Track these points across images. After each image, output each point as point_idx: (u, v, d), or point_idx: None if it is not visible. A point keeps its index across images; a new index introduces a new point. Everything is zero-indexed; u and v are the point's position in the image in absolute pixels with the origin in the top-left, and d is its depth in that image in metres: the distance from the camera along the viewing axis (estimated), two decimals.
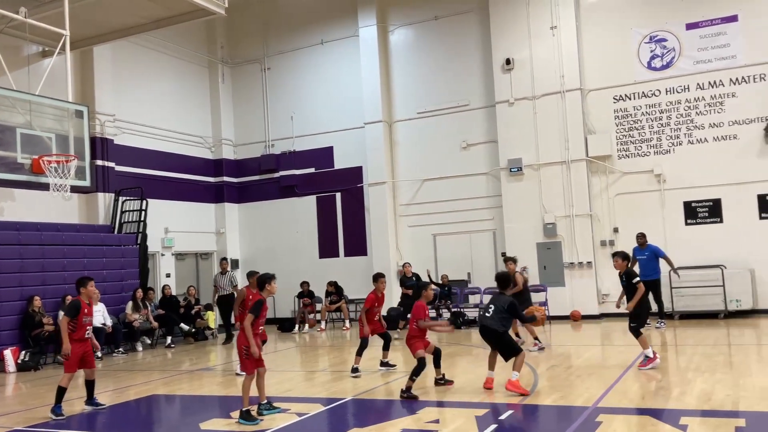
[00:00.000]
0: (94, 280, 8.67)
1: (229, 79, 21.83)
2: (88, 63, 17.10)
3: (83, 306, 8.31)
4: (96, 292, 8.65)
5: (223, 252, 21.01)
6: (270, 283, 7.88)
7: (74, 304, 8.35)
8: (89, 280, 8.57)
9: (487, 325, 8.31)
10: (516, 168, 17.55)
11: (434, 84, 19.12)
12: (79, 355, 8.26)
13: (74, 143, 12.53)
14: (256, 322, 7.59)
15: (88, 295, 8.48)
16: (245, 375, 7.52)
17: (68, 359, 8.22)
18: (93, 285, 8.60)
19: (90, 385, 8.60)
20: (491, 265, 18.26)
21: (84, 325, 8.32)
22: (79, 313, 8.23)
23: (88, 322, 8.41)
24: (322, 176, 20.57)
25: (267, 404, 7.63)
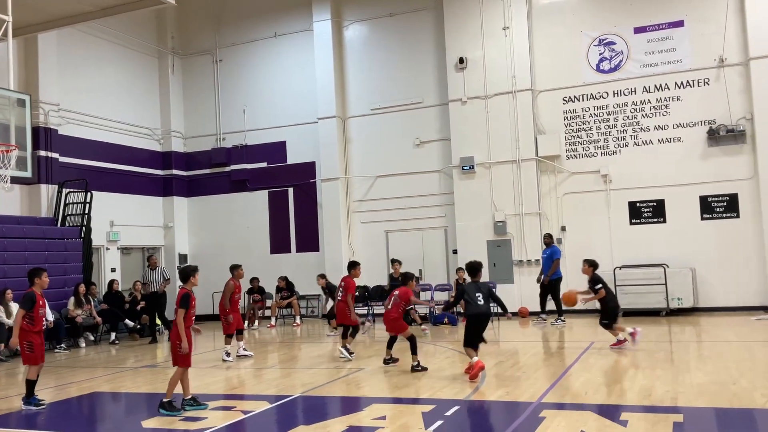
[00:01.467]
0: (47, 271, 8.69)
1: (180, 70, 21.42)
2: (32, 50, 16.56)
3: (38, 298, 8.31)
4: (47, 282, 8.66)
5: (171, 247, 20.64)
6: (193, 276, 7.91)
7: (29, 296, 8.29)
8: (42, 271, 8.58)
9: (484, 312, 8.90)
10: (468, 166, 17.70)
11: (388, 81, 19.13)
12: (42, 345, 8.38)
13: (15, 133, 12.08)
14: (189, 315, 7.63)
15: (42, 286, 8.46)
16: (177, 368, 7.62)
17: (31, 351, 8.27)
18: (46, 276, 8.61)
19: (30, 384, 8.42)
20: (442, 261, 18.40)
21: (41, 317, 8.37)
22: (35, 305, 8.24)
23: (43, 314, 8.49)
24: (274, 171, 20.37)
25: (191, 400, 7.69)
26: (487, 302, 8.88)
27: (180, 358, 7.55)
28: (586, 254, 16.47)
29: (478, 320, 8.90)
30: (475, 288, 8.95)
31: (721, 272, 15.79)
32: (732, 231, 15.81)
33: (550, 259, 15.33)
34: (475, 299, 8.80)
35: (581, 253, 16.81)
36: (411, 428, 6.43)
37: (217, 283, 19.97)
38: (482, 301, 8.81)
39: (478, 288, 8.94)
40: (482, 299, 8.82)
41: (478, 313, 8.85)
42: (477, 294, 8.83)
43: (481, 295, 8.83)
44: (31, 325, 8.20)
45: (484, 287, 9.01)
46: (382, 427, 6.52)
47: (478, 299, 8.80)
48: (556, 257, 15.39)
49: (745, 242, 15.71)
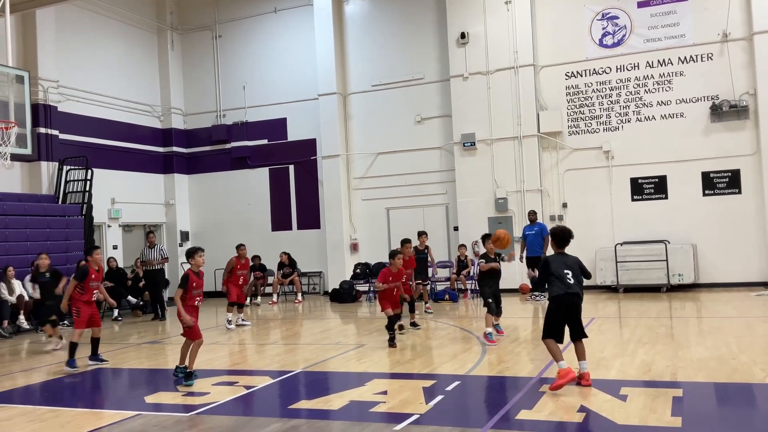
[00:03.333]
0: (100, 248, 9.95)
1: (179, 46, 21.26)
2: (31, 27, 16.42)
3: (91, 271, 9.25)
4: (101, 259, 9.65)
5: (173, 224, 20.66)
6: (192, 257, 8.07)
7: (83, 269, 9.32)
8: (96, 248, 9.64)
9: (576, 293, 6.86)
10: (469, 143, 17.63)
11: (389, 56, 18.98)
12: (88, 314, 9.25)
13: (15, 110, 12.03)
14: (189, 295, 7.91)
15: (96, 262, 9.40)
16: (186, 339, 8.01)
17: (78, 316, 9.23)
18: (99, 253, 9.59)
19: (95, 342, 9.54)
20: (443, 238, 18.40)
21: (91, 289, 9.25)
22: (86, 277, 9.18)
23: (95, 287, 9.33)
24: (275, 148, 20.31)
25: (183, 368, 7.96)
26: (578, 281, 6.89)
27: (187, 332, 7.94)
28: (589, 231, 16.63)
29: (568, 304, 6.87)
30: (561, 262, 6.94)
31: (722, 248, 15.79)
32: (734, 207, 15.78)
33: (540, 236, 15.15)
34: (564, 276, 6.83)
35: (583, 229, 16.79)
36: (411, 403, 6.47)
37: (218, 259, 20.07)
38: (572, 279, 6.84)
39: (565, 262, 6.94)
40: (572, 277, 6.85)
41: (568, 294, 6.81)
42: (566, 271, 6.86)
43: (571, 273, 6.86)
44: (81, 294, 9.20)
45: (574, 261, 6.96)
46: (383, 402, 6.57)
47: (567, 277, 6.83)
48: (546, 234, 15.24)
49: (747, 218, 15.68)
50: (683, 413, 5.72)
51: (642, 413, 5.75)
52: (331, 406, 6.57)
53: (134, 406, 6.99)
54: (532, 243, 15.22)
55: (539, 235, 15.20)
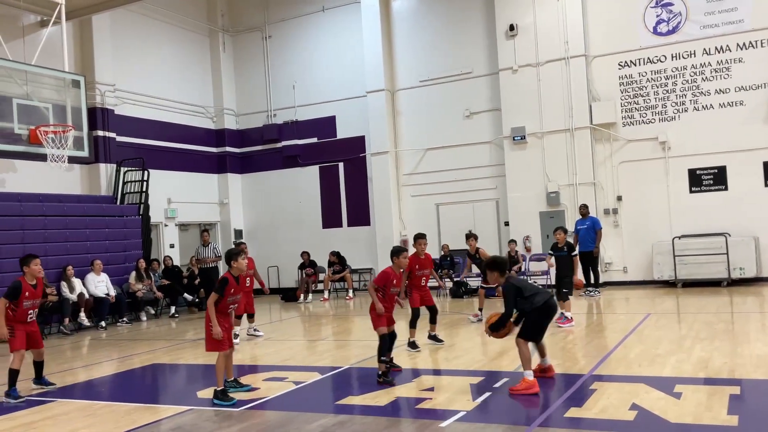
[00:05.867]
0: (38, 258, 8.03)
1: (230, 47, 21.63)
2: (87, 32, 16.95)
3: (25, 287, 7.75)
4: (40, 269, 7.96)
5: (227, 223, 21.06)
6: (236, 260, 7.08)
7: (15, 285, 7.78)
8: (33, 257, 7.97)
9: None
10: (519, 136, 17.39)
11: (437, 51, 18.87)
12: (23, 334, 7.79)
13: (72, 113, 12.45)
14: (224, 302, 6.97)
15: (32, 274, 7.88)
16: (219, 353, 6.93)
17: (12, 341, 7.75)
18: (39, 263, 7.96)
19: (38, 365, 8.15)
20: (494, 234, 18.22)
21: (26, 309, 7.79)
22: (20, 295, 7.72)
23: (29, 306, 7.83)
24: (324, 146, 20.47)
25: (233, 382, 7.30)
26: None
27: (211, 343, 6.90)
28: (645, 224, 16.26)
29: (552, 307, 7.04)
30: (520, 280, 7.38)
31: None
32: None
33: (592, 230, 14.85)
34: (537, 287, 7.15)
35: (639, 223, 16.48)
36: (459, 400, 6.42)
37: (271, 257, 20.42)
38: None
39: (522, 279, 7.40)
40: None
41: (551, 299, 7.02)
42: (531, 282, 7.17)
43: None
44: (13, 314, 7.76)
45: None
46: (430, 398, 6.54)
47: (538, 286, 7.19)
48: (599, 227, 14.96)
49: None
50: (740, 412, 5.51)
51: (696, 411, 5.56)
52: (378, 402, 6.58)
53: (187, 401, 7.15)
54: (584, 237, 14.92)
55: (591, 229, 14.92)
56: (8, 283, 13.12)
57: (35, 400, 7.58)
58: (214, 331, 6.80)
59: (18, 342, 7.76)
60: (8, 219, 13.82)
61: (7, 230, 13.67)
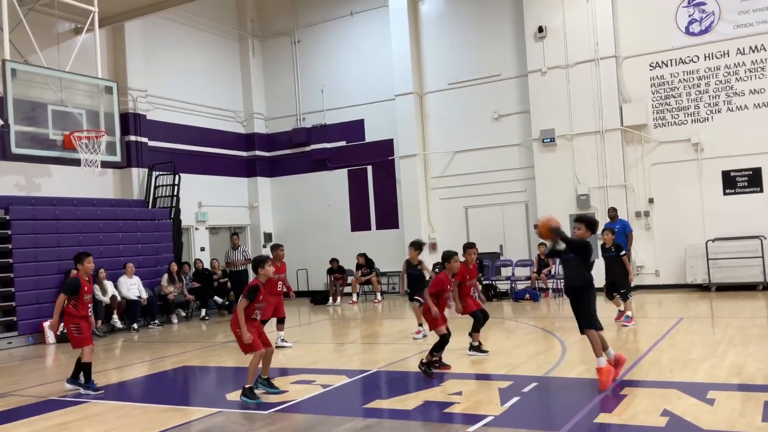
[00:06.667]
0: (92, 256, 8.33)
1: (260, 52, 21.84)
2: (120, 39, 17.25)
3: (83, 283, 8.10)
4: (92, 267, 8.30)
5: (257, 226, 21.23)
6: (263, 267, 7.31)
7: (73, 281, 8.16)
8: (87, 255, 8.27)
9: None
10: (549, 138, 17.26)
11: (465, 54, 18.82)
12: (89, 328, 8.18)
13: (105, 119, 12.68)
14: (251, 307, 7.12)
15: (86, 271, 8.20)
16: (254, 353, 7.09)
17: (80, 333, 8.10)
18: (92, 260, 8.28)
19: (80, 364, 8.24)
20: (523, 237, 18.09)
21: (86, 303, 8.14)
22: (80, 291, 8.04)
23: (89, 300, 8.21)
24: (353, 149, 20.54)
25: (265, 380, 7.40)
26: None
27: (245, 346, 7.11)
28: (678, 227, 16.01)
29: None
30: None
31: None
32: None
33: (623, 233, 14.53)
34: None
35: (672, 226, 16.22)
36: (486, 404, 6.39)
37: (300, 261, 20.52)
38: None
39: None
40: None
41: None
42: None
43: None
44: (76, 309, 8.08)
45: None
46: (458, 403, 6.52)
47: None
48: (629, 230, 14.64)
49: None
50: None
51: (730, 418, 5.45)
52: (406, 406, 6.57)
53: (217, 404, 7.22)
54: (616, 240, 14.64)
55: (621, 233, 14.59)
56: (46, 284, 13.62)
57: (69, 400, 7.72)
58: (244, 337, 7.01)
59: (85, 336, 8.12)
60: (44, 223, 14.11)
61: (43, 234, 13.97)
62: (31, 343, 13.23)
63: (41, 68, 12.04)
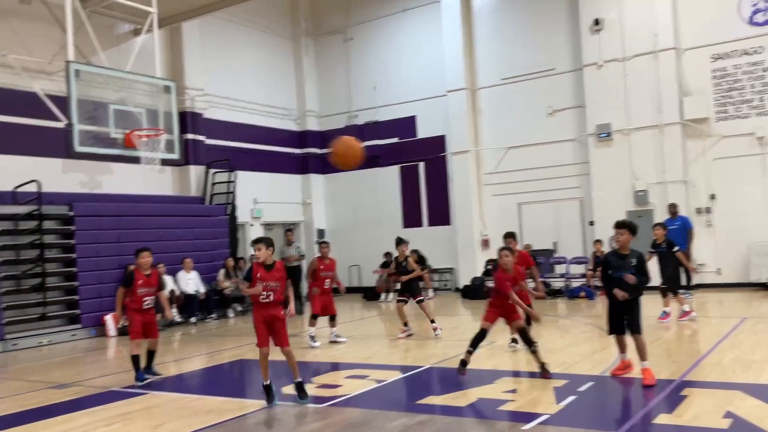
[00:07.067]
0: (148, 251, 8.61)
1: (313, 50, 22.03)
2: (177, 39, 17.64)
3: (137, 277, 8.39)
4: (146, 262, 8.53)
5: (310, 222, 21.44)
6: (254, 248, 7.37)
7: (128, 274, 8.56)
8: (142, 250, 8.55)
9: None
10: (604, 133, 16.90)
11: (519, 49, 18.58)
12: (139, 323, 8.43)
13: (164, 118, 13.00)
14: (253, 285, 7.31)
15: (141, 266, 8.47)
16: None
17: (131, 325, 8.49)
18: (146, 256, 8.53)
19: (150, 354, 8.68)
20: (578, 234, 17.78)
21: (140, 296, 8.40)
22: (133, 283, 8.36)
23: (144, 293, 8.45)
24: (405, 146, 20.53)
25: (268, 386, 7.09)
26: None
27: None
28: (741, 224, 15.47)
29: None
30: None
31: None
32: None
33: (683, 230, 14.06)
34: None
35: (735, 222, 15.69)
36: (541, 403, 6.31)
37: (352, 257, 20.63)
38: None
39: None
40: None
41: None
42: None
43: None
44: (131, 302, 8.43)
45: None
46: (512, 401, 6.45)
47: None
48: (690, 227, 14.13)
49: None
50: None
51: None
52: (459, 403, 6.54)
53: None
54: (675, 238, 14.16)
55: (682, 229, 14.13)
56: (107, 279, 14.06)
57: (131, 391, 7.96)
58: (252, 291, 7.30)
59: (134, 330, 8.44)
60: (105, 219, 14.57)
61: (104, 230, 14.41)
62: (94, 335, 13.68)
63: (103, 69, 12.42)
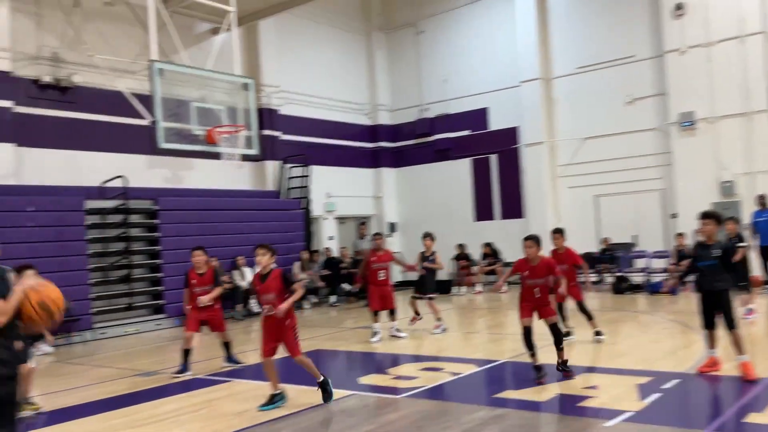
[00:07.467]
0: (200, 249, 8.85)
1: (385, 44, 22.10)
2: (254, 37, 18.04)
3: (192, 276, 8.71)
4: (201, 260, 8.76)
5: (381, 216, 21.56)
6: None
7: (185, 275, 8.86)
8: (194, 249, 8.85)
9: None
10: (688, 122, 16.26)
11: (595, 36, 18.08)
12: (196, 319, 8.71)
13: (243, 114, 13.33)
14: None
15: (194, 264, 8.75)
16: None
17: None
18: (198, 255, 8.77)
19: (226, 346, 9.08)
20: (659, 227, 17.19)
21: (195, 295, 8.64)
22: (188, 283, 8.74)
23: (199, 292, 8.64)
24: (476, 138, 20.34)
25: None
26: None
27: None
28: None
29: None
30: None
31: None
32: None
33: None
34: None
35: None
36: (624, 399, 6.15)
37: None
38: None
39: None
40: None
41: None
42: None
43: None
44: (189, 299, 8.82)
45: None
46: (594, 397, 6.32)
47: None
48: None
49: None
50: None
51: None
52: (538, 398, 6.46)
53: (349, 386, 7.43)
54: (764, 230, 13.51)
55: None
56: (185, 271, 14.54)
57: (214, 379, 8.23)
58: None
59: (188, 324, 8.74)
60: (187, 213, 15.09)
61: (186, 223, 14.92)
62: (177, 325, 14.19)
63: (185, 67, 12.84)
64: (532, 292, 7.44)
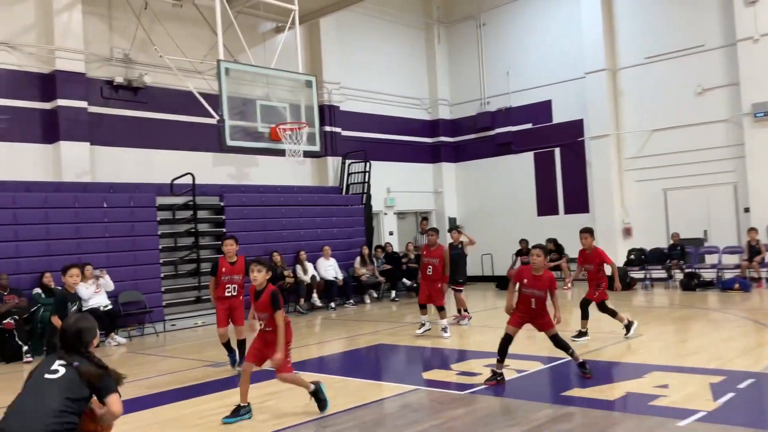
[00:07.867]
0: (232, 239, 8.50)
1: (445, 38, 22.00)
2: (316, 35, 18.25)
3: (222, 264, 8.35)
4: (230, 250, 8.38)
5: (442, 211, 21.50)
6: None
7: (213, 263, 8.51)
8: (226, 239, 8.52)
9: None
10: (762, 113, 15.60)
11: (664, 25, 17.53)
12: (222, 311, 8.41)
13: (305, 111, 13.50)
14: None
15: (226, 254, 8.38)
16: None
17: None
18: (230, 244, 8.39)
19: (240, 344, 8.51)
20: (731, 221, 16.57)
21: (223, 283, 8.35)
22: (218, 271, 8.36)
23: (227, 281, 8.35)
24: (539, 131, 20.03)
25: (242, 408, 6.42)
26: None
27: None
28: None
29: None
30: None
31: None
32: None
33: None
34: None
35: None
36: (697, 399, 5.97)
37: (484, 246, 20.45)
38: None
39: None
40: None
41: None
42: None
43: None
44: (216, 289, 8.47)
45: None
46: (664, 396, 6.16)
47: None
48: None
49: None
50: None
51: None
52: (606, 396, 6.34)
53: (412, 381, 7.46)
54: None
55: None
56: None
57: None
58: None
59: (218, 319, 8.47)
60: (252, 209, 15.40)
61: (250, 218, 15.24)
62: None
63: (250, 66, 13.10)
64: (529, 302, 7.22)
